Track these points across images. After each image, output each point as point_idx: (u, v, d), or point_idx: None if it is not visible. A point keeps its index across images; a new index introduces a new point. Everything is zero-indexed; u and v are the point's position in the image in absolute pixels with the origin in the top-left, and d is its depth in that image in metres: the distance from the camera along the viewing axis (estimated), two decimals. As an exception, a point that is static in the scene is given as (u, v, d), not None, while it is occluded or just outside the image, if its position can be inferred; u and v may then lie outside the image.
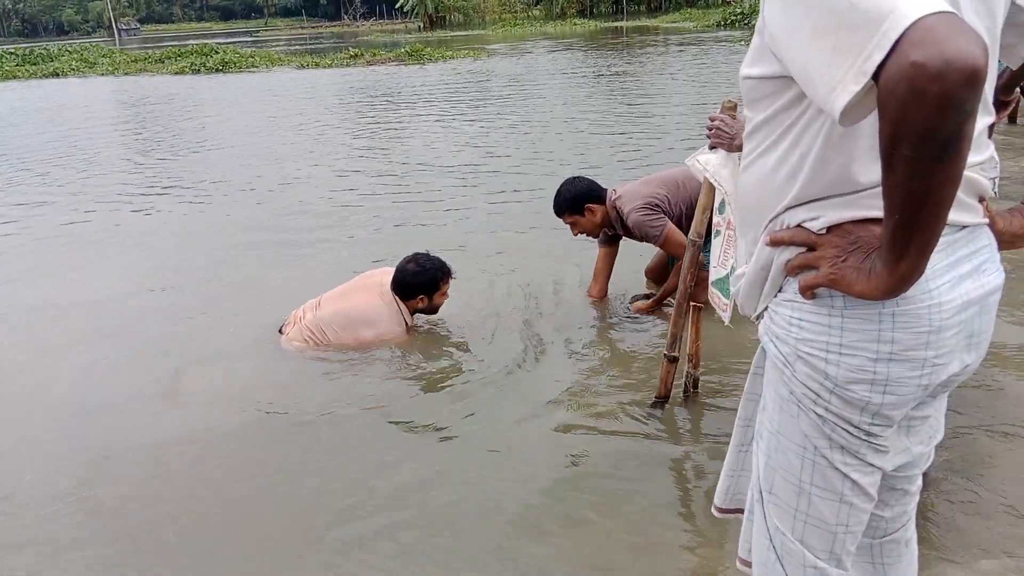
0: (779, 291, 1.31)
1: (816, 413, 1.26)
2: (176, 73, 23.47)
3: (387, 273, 3.84)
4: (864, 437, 1.26)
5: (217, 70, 23.29)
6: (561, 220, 3.98)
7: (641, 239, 3.85)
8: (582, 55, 21.42)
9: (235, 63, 23.92)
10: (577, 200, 3.87)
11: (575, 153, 8.09)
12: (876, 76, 0.93)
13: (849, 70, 0.96)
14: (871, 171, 1.15)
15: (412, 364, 3.58)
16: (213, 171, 8.33)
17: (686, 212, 3.80)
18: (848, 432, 1.26)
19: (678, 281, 3.76)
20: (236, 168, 8.42)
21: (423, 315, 3.95)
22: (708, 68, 15.74)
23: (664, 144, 8.22)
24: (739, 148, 2.59)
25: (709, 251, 2.83)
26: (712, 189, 2.74)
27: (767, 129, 1.25)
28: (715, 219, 2.79)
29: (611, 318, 3.94)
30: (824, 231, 1.20)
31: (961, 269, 1.19)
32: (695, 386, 3.03)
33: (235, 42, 30.77)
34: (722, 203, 2.76)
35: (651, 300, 3.94)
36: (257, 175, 7.99)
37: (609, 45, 24.89)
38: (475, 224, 5.77)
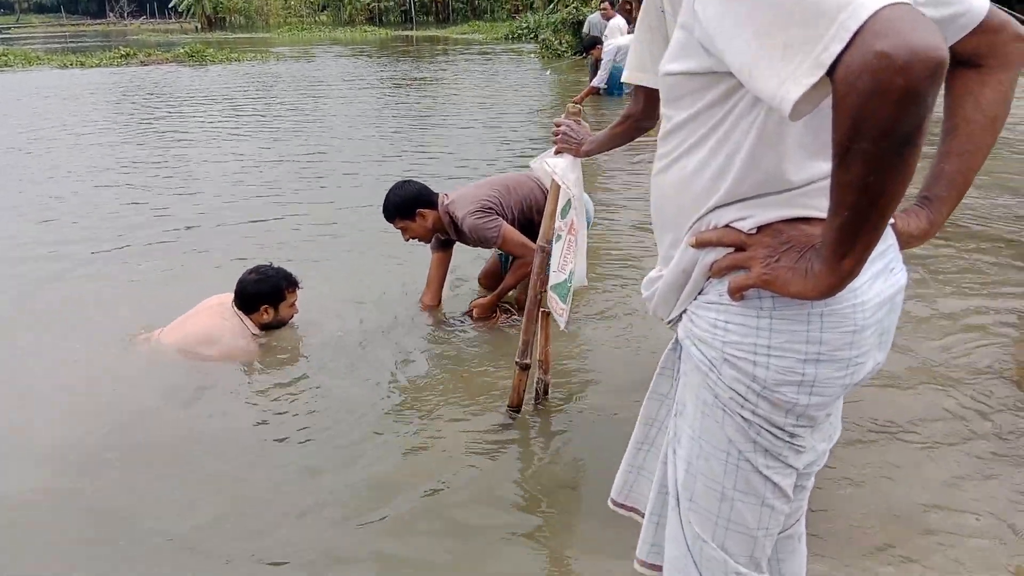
0: (699, 293, 1.28)
1: (742, 416, 1.24)
2: (-93, 70, 20.42)
3: (227, 295, 3.64)
4: (787, 439, 1.25)
5: (-40, 68, 20.57)
6: (392, 225, 3.83)
7: (476, 243, 3.79)
8: (376, 62, 21.12)
9: (-17, 60, 21.24)
10: (407, 204, 3.74)
11: (385, 159, 7.88)
12: (831, 70, 0.90)
13: (803, 62, 0.92)
14: (803, 169, 1.14)
15: (250, 386, 3.28)
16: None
17: (517, 216, 3.79)
18: (772, 435, 1.24)
19: (515, 279, 3.76)
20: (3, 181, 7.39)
21: (272, 330, 3.72)
22: (505, 76, 16.06)
23: (472, 149, 8.22)
24: (586, 154, 2.60)
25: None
26: (557, 193, 2.73)
27: (690, 127, 1.21)
28: (556, 223, 2.78)
29: (449, 327, 3.84)
30: (754, 231, 1.17)
31: (875, 267, 1.20)
32: (546, 392, 3.00)
33: (-20, 37, 27.30)
34: (564, 207, 2.76)
35: (490, 296, 3.89)
36: (20, 189, 7.02)
37: (402, 52, 24.78)
38: (285, 236, 5.37)
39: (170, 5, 54.90)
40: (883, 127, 0.87)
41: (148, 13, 64.66)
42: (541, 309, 2.84)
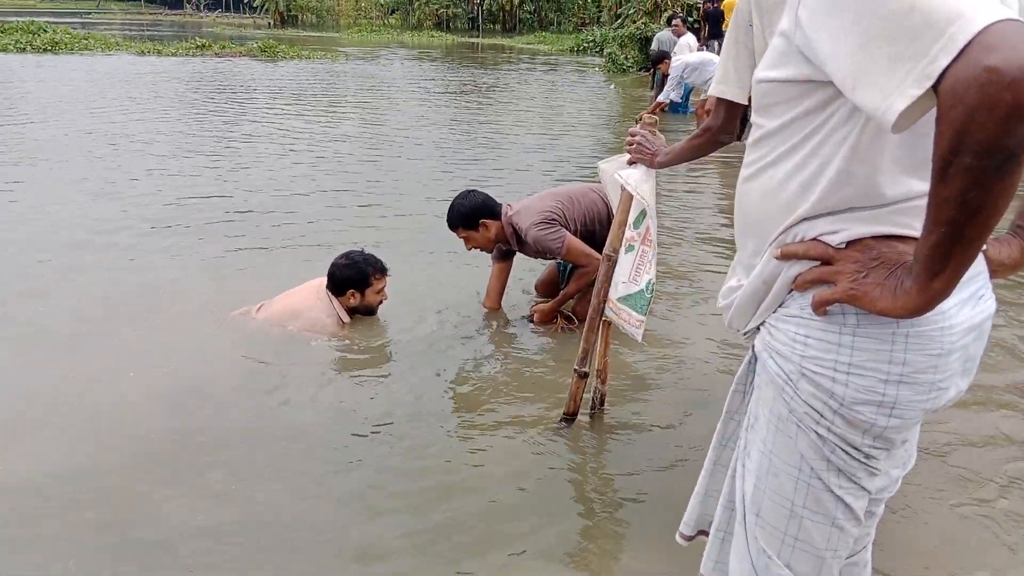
0: (780, 306, 1.27)
1: (817, 433, 1.23)
2: (-2, 51, 21.22)
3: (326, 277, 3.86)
4: (863, 460, 1.24)
5: (46, 50, 21.28)
6: (455, 234, 3.87)
7: (537, 254, 3.81)
8: (444, 67, 21.36)
9: (67, 44, 21.87)
10: (471, 215, 3.78)
11: (448, 164, 7.97)
12: (937, 82, 0.89)
13: (909, 74, 0.91)
14: (897, 184, 1.13)
15: (322, 375, 3.37)
16: (49, 160, 7.53)
17: (580, 228, 3.79)
18: (847, 454, 1.23)
19: (577, 287, 3.76)
20: (79, 160, 7.64)
21: (362, 315, 3.87)
22: (569, 88, 16.12)
23: (532, 158, 8.26)
24: (660, 165, 2.58)
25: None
26: (628, 204, 2.72)
27: (781, 136, 1.21)
28: (628, 234, 2.78)
29: (509, 331, 3.87)
30: (843, 245, 1.16)
31: (964, 293, 1.19)
32: (602, 402, 3.00)
33: (63, 22, 28.18)
34: (638, 217, 2.75)
35: (552, 303, 3.91)
36: (100, 169, 7.27)
37: (468, 59, 25.01)
38: (357, 230, 5.46)
39: (245, 0, 56.30)
40: (987, 142, 0.86)
41: (223, 7, 66.30)
42: (603, 319, 2.84)
